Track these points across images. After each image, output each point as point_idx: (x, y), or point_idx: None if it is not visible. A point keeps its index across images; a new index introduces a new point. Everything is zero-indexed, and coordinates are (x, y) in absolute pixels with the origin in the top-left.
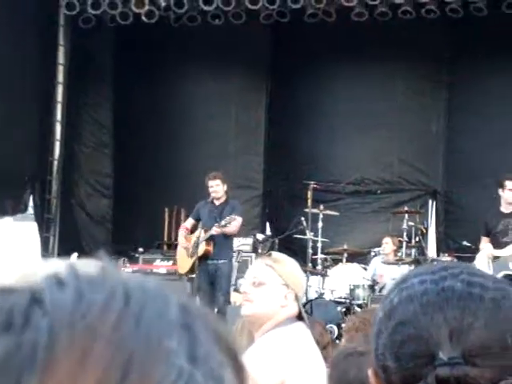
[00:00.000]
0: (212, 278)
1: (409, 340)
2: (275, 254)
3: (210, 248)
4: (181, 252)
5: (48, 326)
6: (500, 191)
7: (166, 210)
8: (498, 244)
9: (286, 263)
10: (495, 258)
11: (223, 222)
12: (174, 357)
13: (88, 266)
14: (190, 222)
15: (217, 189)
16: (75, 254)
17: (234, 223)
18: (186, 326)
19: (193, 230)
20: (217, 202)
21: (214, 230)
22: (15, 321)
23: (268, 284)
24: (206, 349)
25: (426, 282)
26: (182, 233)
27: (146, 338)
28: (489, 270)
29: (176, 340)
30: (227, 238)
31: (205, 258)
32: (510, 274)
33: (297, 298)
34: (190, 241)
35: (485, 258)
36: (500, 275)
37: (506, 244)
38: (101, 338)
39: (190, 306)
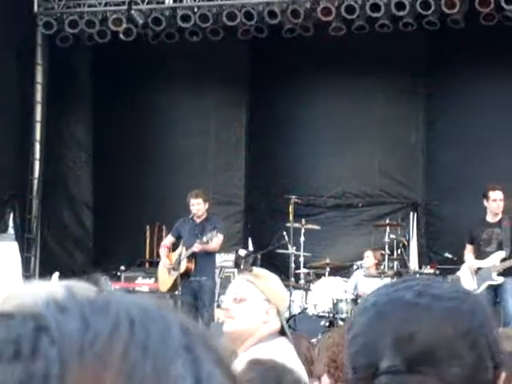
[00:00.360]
0: (195, 295)
1: (360, 351)
2: (256, 270)
3: (192, 265)
4: (162, 270)
5: (58, 356)
6: (484, 202)
7: (148, 227)
8: (481, 253)
9: (267, 278)
10: (479, 268)
11: (205, 239)
12: (181, 381)
13: (83, 288)
14: (169, 239)
15: (198, 207)
16: (57, 274)
17: (216, 240)
18: (188, 347)
19: (173, 248)
20: (198, 220)
21: (196, 247)
22: (23, 350)
23: (249, 300)
24: (208, 370)
25: (379, 295)
26: (162, 251)
27: (153, 366)
28: (473, 282)
29: (181, 363)
30: (209, 254)
31: (187, 275)
32: (493, 285)
33: (279, 313)
34: (171, 258)
35: (467, 270)
36: (484, 286)
37: (489, 253)
38: (111, 367)
39: (190, 325)
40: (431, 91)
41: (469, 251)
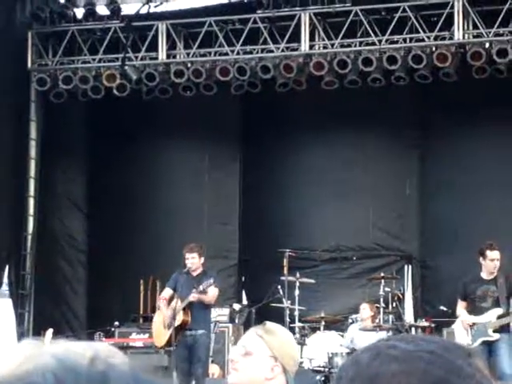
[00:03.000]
0: (190, 349)
1: None
2: (269, 325)
3: (188, 318)
4: (157, 324)
5: None
6: (481, 259)
7: (142, 281)
8: (475, 308)
9: (277, 334)
10: (473, 324)
11: (201, 287)
12: None
13: (79, 354)
14: (167, 292)
15: (193, 261)
16: (51, 330)
17: (212, 292)
18: None
19: (170, 301)
20: (194, 273)
21: (192, 297)
22: None
23: (255, 355)
24: None
25: (350, 358)
26: (162, 303)
27: None
28: (467, 337)
29: None
30: (205, 308)
31: (182, 328)
32: (488, 341)
33: (285, 371)
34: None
35: (461, 325)
36: (479, 341)
37: (483, 309)
38: None
39: None
40: (425, 144)
41: (461, 307)
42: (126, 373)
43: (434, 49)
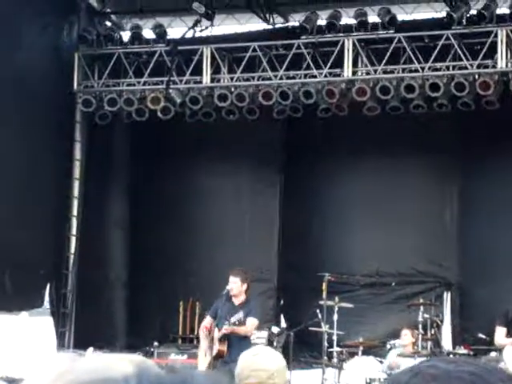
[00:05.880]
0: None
1: None
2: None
3: (224, 348)
4: (199, 351)
5: None
6: None
7: (181, 302)
8: None
9: None
10: None
11: (232, 320)
12: None
13: (146, 363)
14: (208, 321)
15: (233, 286)
16: (91, 349)
17: (250, 321)
18: None
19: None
20: (236, 301)
21: (225, 329)
22: None
23: None
24: None
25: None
26: (202, 334)
27: None
28: None
29: None
30: (244, 338)
31: (219, 358)
32: None
33: None
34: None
35: None
36: None
37: None
38: None
39: None
40: (466, 171)
41: (502, 334)
42: (205, 380)
43: (476, 77)
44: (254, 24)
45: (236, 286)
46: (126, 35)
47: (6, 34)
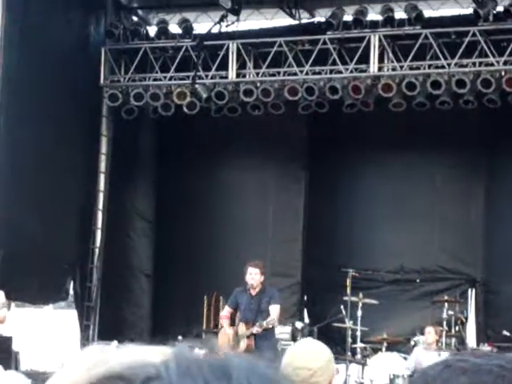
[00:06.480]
0: None
1: None
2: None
3: (252, 343)
4: (222, 339)
5: None
6: None
7: (205, 297)
8: None
9: None
10: None
11: (265, 324)
12: None
13: (187, 352)
14: (227, 310)
15: (254, 277)
16: (115, 343)
17: (274, 310)
18: None
19: (231, 317)
20: (253, 292)
21: (256, 330)
22: None
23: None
24: None
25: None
26: (225, 323)
27: None
28: None
29: None
30: (269, 334)
31: (247, 352)
32: None
33: None
34: (234, 331)
35: None
36: None
37: None
38: None
39: None
40: (491, 168)
41: None
42: (245, 363)
43: (503, 73)
44: (280, 19)
45: (256, 277)
46: (152, 30)
47: (35, 30)
